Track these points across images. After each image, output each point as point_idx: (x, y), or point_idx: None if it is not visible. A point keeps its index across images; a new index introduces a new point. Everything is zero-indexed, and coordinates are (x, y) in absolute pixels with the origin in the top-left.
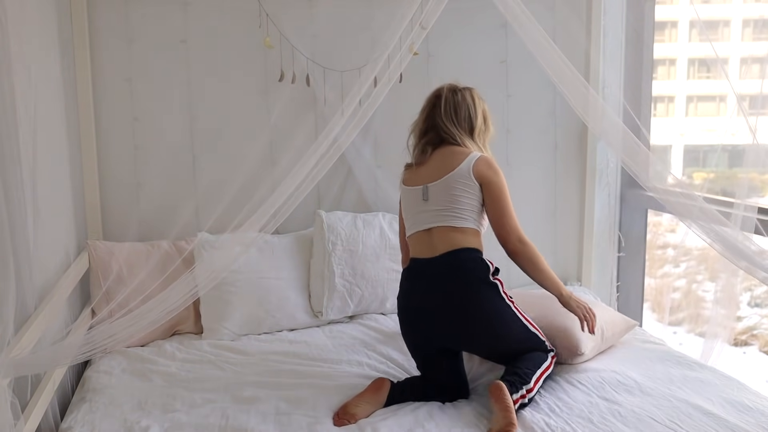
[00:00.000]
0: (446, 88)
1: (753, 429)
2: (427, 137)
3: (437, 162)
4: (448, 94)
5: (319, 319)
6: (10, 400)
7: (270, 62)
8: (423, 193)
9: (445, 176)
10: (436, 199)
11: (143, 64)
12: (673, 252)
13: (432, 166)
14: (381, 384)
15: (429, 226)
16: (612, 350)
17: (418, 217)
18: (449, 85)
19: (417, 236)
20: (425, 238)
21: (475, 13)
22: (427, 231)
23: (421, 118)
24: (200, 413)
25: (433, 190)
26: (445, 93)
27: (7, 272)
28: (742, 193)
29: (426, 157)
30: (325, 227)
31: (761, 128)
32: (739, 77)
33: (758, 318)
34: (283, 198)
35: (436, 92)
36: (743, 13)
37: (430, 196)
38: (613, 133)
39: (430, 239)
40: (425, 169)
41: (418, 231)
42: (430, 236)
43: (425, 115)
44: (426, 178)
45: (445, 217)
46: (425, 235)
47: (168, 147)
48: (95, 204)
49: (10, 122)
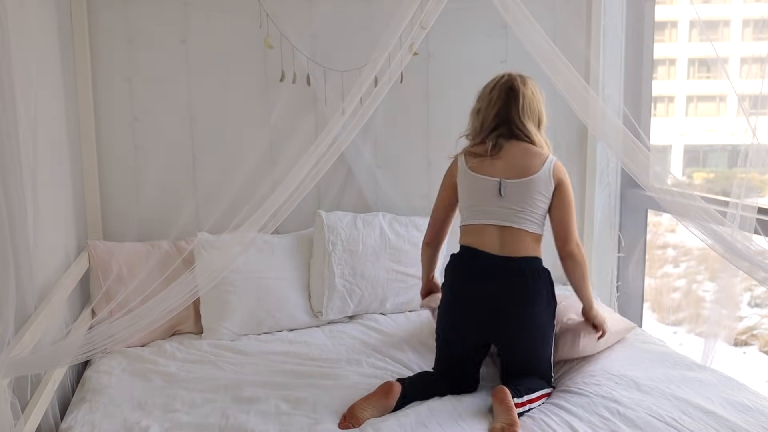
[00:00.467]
0: (518, 80)
1: (754, 429)
2: (499, 131)
3: (515, 159)
4: (523, 89)
5: (318, 319)
6: (10, 400)
7: (270, 62)
8: (499, 187)
9: (526, 177)
10: (513, 198)
11: (143, 64)
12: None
13: (509, 163)
14: (390, 388)
15: (503, 224)
16: (612, 350)
17: (489, 209)
18: (520, 77)
19: (483, 228)
20: (494, 232)
21: (475, 13)
22: (498, 227)
23: (492, 112)
24: (200, 413)
25: (511, 188)
26: (520, 87)
27: (7, 272)
28: (741, 193)
29: (498, 151)
30: (325, 227)
31: (761, 128)
32: (739, 77)
33: (758, 318)
34: (283, 198)
35: (508, 83)
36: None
37: (507, 193)
38: (612, 134)
39: (500, 236)
40: (500, 163)
41: (485, 224)
42: (501, 233)
43: (497, 109)
44: (502, 172)
45: (522, 220)
46: (495, 230)
47: (168, 147)
48: (95, 204)
49: (10, 122)
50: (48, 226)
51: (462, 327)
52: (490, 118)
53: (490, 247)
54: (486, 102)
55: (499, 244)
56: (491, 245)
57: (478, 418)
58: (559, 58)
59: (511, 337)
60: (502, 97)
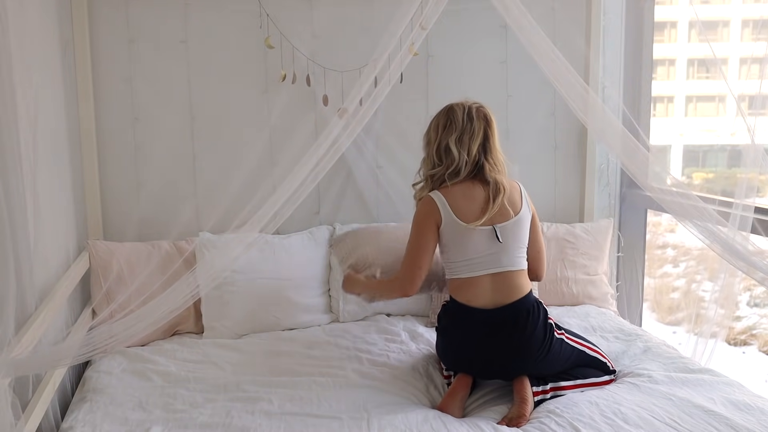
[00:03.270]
0: (488, 109)
1: (755, 428)
2: (483, 166)
3: (489, 195)
4: (493, 118)
5: (319, 317)
6: (11, 399)
7: (270, 62)
8: (495, 234)
9: (516, 216)
10: (509, 241)
11: (143, 64)
12: (673, 252)
13: (487, 201)
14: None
15: (499, 270)
16: (612, 350)
17: (486, 259)
18: (484, 114)
19: (476, 281)
20: (486, 283)
21: (474, 14)
22: (491, 275)
23: (476, 144)
24: (201, 412)
25: (506, 232)
26: (492, 117)
27: (7, 272)
28: (740, 193)
29: (472, 190)
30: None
31: (760, 128)
32: (738, 77)
33: (757, 318)
34: (284, 198)
35: (482, 112)
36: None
37: (504, 238)
38: (612, 134)
39: (493, 284)
40: (489, 204)
41: (479, 275)
42: (494, 281)
43: (480, 140)
44: (494, 216)
45: (516, 260)
46: (488, 279)
47: (168, 147)
48: (95, 204)
49: (11, 122)
50: (48, 226)
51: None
52: (474, 151)
53: (481, 301)
54: (466, 132)
55: (490, 294)
56: (481, 298)
57: (485, 413)
58: (559, 58)
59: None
60: (482, 127)
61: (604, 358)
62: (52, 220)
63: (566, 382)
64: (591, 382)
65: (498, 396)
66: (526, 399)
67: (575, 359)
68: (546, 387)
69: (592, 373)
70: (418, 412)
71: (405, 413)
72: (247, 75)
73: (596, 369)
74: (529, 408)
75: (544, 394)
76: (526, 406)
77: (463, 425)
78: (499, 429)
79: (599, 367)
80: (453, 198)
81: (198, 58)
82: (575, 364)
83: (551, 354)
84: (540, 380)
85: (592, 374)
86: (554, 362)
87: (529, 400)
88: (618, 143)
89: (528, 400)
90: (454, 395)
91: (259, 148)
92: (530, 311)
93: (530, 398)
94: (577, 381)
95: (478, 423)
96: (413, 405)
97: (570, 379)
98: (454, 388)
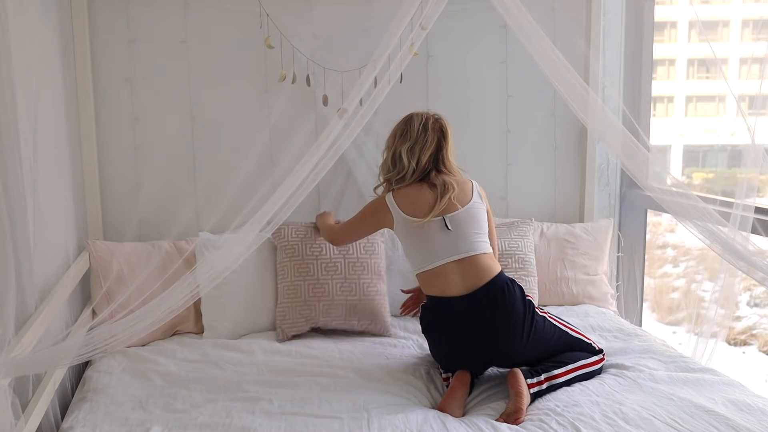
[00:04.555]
0: (445, 121)
1: (756, 428)
2: (433, 171)
3: (437, 195)
4: (449, 130)
5: None
6: (11, 399)
7: (270, 62)
8: (445, 223)
9: (467, 205)
10: (462, 227)
11: (143, 64)
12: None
13: (435, 199)
14: (465, 377)
15: (461, 256)
16: (612, 350)
17: (443, 248)
18: (440, 126)
19: (440, 270)
20: (452, 270)
21: (474, 14)
22: (456, 262)
23: (427, 153)
24: (202, 412)
25: (456, 220)
26: (448, 129)
27: (7, 272)
28: (740, 193)
29: (438, 190)
30: None
31: (760, 128)
32: (738, 77)
33: (757, 318)
34: (284, 198)
35: (438, 124)
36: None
37: (454, 226)
38: (612, 134)
39: (460, 271)
40: (426, 202)
41: (444, 263)
42: (460, 268)
43: (432, 150)
44: (443, 209)
45: (478, 243)
46: (453, 267)
47: (168, 147)
48: (95, 204)
49: (11, 122)
50: (48, 226)
51: (460, 366)
52: (425, 159)
53: (452, 288)
54: (418, 143)
55: (461, 281)
56: (451, 286)
57: (483, 410)
58: (559, 58)
59: (515, 356)
60: (436, 138)
61: (588, 339)
62: (52, 220)
63: (558, 369)
64: (582, 364)
65: (496, 393)
66: (521, 392)
67: (561, 342)
68: (540, 378)
69: (580, 356)
70: (418, 413)
71: (405, 413)
72: (247, 75)
73: (583, 351)
74: (525, 401)
75: (539, 385)
76: (522, 399)
77: (462, 425)
78: (498, 427)
79: (586, 348)
80: (402, 200)
81: (198, 58)
82: (562, 349)
83: (536, 332)
84: (533, 372)
85: (580, 357)
86: (541, 341)
87: (523, 392)
88: (618, 143)
89: (523, 392)
90: (453, 394)
91: (259, 148)
92: (504, 289)
93: (525, 391)
94: (568, 366)
95: (477, 422)
96: (413, 405)
97: (561, 366)
98: (452, 387)
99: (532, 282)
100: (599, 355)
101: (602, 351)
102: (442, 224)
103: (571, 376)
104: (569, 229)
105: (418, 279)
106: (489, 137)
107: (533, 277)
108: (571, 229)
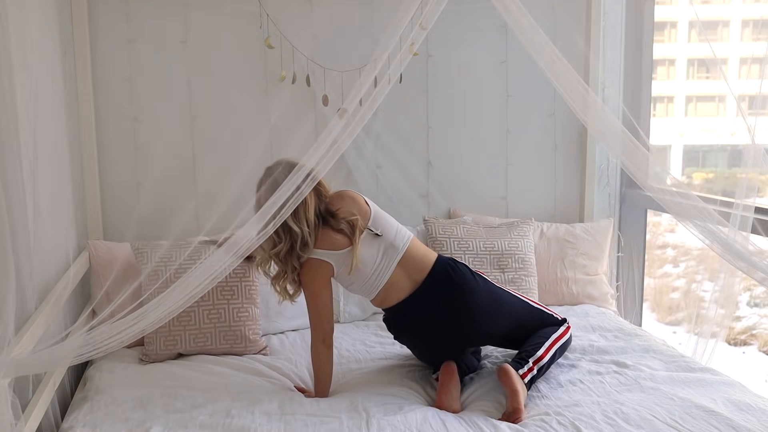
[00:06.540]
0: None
1: (756, 428)
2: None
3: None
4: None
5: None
6: (11, 399)
7: (270, 62)
8: (372, 232)
9: (371, 213)
10: (384, 226)
11: (143, 64)
12: (673, 252)
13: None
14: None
15: (399, 255)
16: (612, 350)
17: (382, 259)
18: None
19: (392, 280)
20: (399, 274)
21: (474, 14)
22: (398, 265)
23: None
24: (202, 412)
25: (375, 223)
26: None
27: (7, 272)
28: (740, 193)
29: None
30: None
31: (760, 128)
32: (738, 77)
33: (757, 318)
34: (283, 199)
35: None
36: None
37: (379, 227)
38: (612, 134)
39: (404, 270)
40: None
41: (389, 274)
42: (403, 267)
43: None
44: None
45: (400, 237)
46: (399, 271)
47: (168, 147)
48: (95, 204)
49: (11, 122)
50: (48, 226)
51: (439, 360)
52: (312, 218)
53: (404, 290)
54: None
55: (410, 279)
56: (403, 289)
57: (482, 406)
58: (559, 58)
59: (486, 334)
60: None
61: (549, 310)
62: (52, 220)
63: (540, 350)
64: (555, 338)
65: (492, 389)
66: (516, 389)
67: (526, 312)
68: (529, 364)
69: (550, 331)
70: (417, 412)
71: (404, 413)
72: (247, 75)
73: (550, 325)
74: (522, 398)
75: (530, 372)
76: (518, 396)
77: (462, 424)
78: (498, 427)
79: (549, 321)
80: (325, 244)
81: (198, 58)
82: (531, 322)
83: (495, 300)
84: (520, 361)
85: (551, 332)
86: (504, 308)
87: (519, 389)
88: (618, 143)
89: (518, 390)
90: (444, 388)
91: (259, 148)
92: (447, 269)
93: (520, 387)
94: (546, 344)
95: (477, 422)
96: (412, 405)
97: (540, 347)
98: (442, 381)
99: (531, 282)
100: (564, 324)
101: (566, 320)
102: (371, 234)
103: (551, 352)
104: (569, 229)
105: (375, 303)
106: (489, 137)
107: (533, 277)
108: (571, 229)
